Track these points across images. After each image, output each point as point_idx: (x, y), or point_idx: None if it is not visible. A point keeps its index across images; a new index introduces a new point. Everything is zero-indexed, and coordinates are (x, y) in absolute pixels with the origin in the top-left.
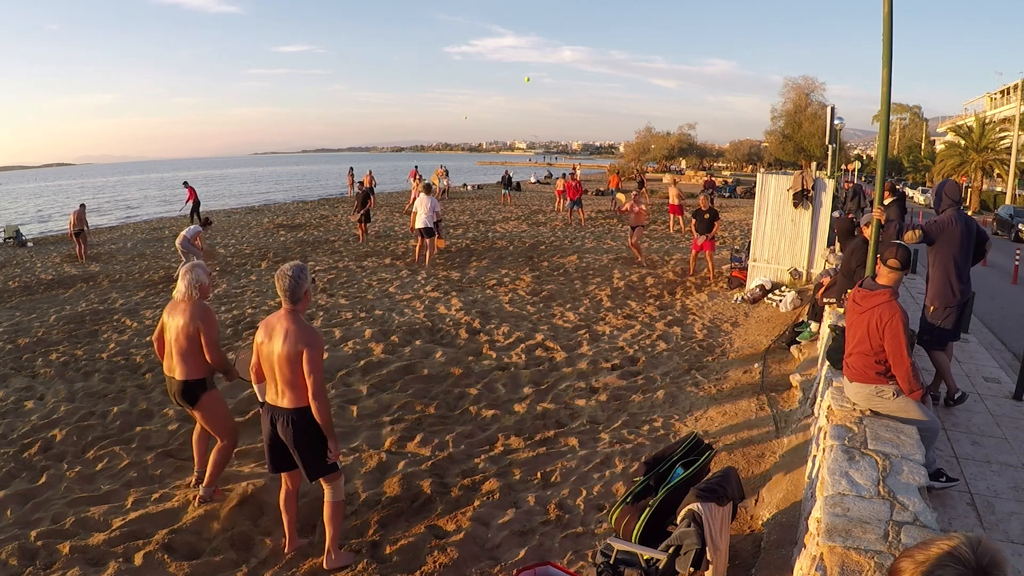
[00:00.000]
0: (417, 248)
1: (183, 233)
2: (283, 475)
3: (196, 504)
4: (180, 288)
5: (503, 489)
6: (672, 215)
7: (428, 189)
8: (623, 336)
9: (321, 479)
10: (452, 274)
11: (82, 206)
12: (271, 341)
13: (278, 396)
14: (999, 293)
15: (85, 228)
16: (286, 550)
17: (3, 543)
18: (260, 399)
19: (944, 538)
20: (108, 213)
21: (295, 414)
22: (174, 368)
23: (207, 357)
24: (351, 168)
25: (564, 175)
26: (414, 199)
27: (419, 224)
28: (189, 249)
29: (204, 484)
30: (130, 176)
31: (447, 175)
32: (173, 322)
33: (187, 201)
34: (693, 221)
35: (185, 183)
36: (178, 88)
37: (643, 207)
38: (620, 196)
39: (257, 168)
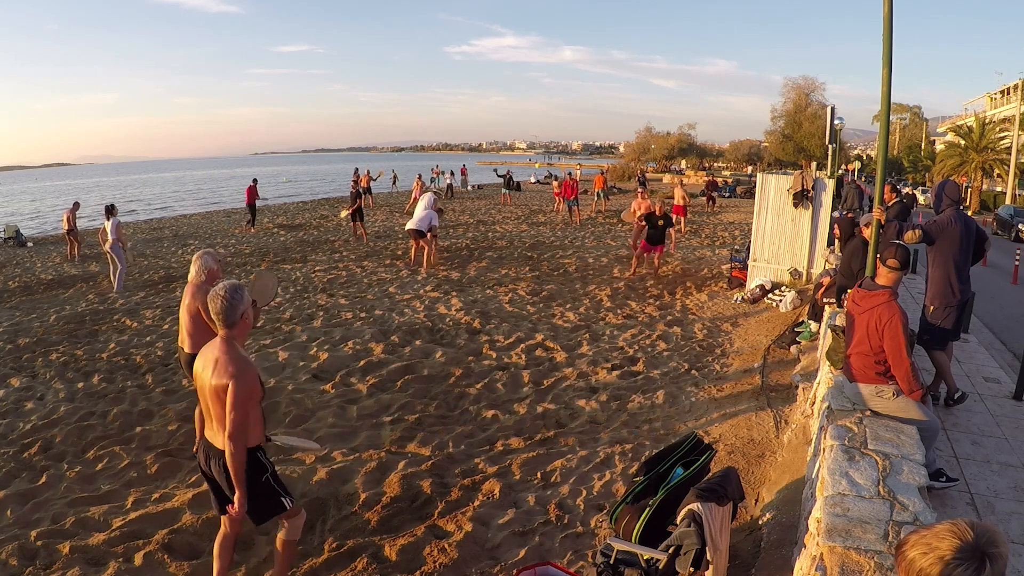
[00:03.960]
0: (413, 250)
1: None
2: (223, 518)
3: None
4: (192, 272)
5: (503, 489)
6: (675, 215)
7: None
8: (623, 336)
9: (280, 517)
10: (452, 274)
11: (75, 204)
12: (203, 371)
13: (214, 433)
14: (999, 293)
15: (75, 228)
16: None
17: (3, 543)
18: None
19: (950, 520)
20: (138, 213)
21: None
22: (184, 341)
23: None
24: (356, 168)
25: (556, 176)
26: (414, 199)
27: (409, 224)
28: (116, 250)
29: None
30: (141, 175)
31: (452, 175)
32: (183, 303)
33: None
34: (644, 225)
35: (254, 180)
36: (178, 88)
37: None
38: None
39: (268, 168)
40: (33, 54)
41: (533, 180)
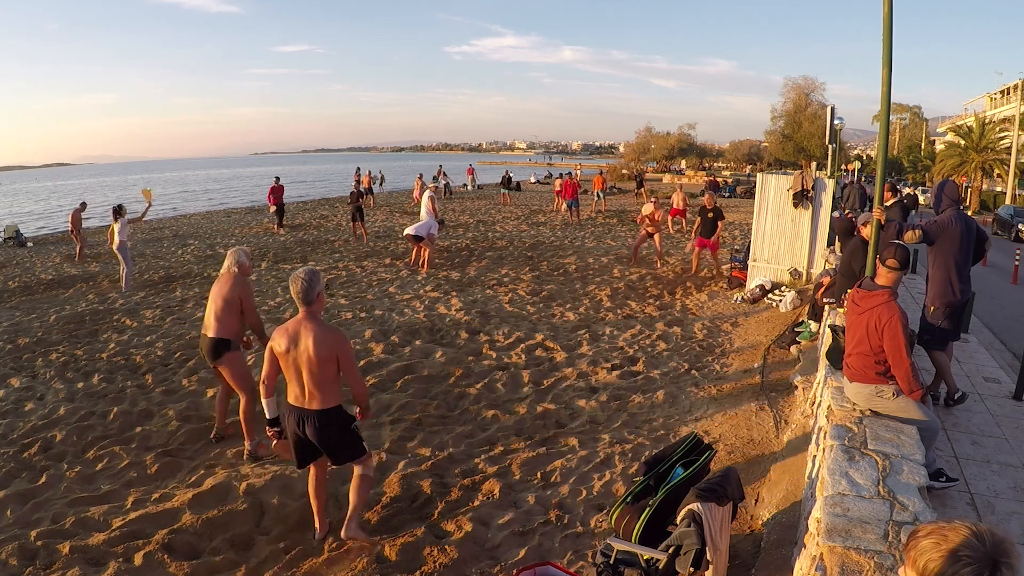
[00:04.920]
0: (413, 252)
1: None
2: (312, 466)
3: (246, 458)
4: (225, 265)
5: (503, 489)
6: (673, 216)
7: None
8: (623, 336)
9: (355, 461)
10: (452, 274)
11: (83, 205)
12: (297, 346)
13: (306, 399)
14: (999, 293)
15: (78, 228)
16: (318, 535)
17: (3, 543)
18: (268, 415)
19: (973, 521)
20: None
21: (323, 415)
22: (208, 327)
23: (247, 319)
24: (358, 168)
25: (561, 175)
26: (417, 199)
27: (408, 231)
28: (124, 250)
29: (247, 441)
30: (143, 175)
31: (445, 175)
32: (216, 291)
33: (270, 200)
34: (698, 219)
35: (277, 178)
36: (178, 88)
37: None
38: (646, 208)
39: (266, 168)
40: (33, 54)
41: (533, 180)
